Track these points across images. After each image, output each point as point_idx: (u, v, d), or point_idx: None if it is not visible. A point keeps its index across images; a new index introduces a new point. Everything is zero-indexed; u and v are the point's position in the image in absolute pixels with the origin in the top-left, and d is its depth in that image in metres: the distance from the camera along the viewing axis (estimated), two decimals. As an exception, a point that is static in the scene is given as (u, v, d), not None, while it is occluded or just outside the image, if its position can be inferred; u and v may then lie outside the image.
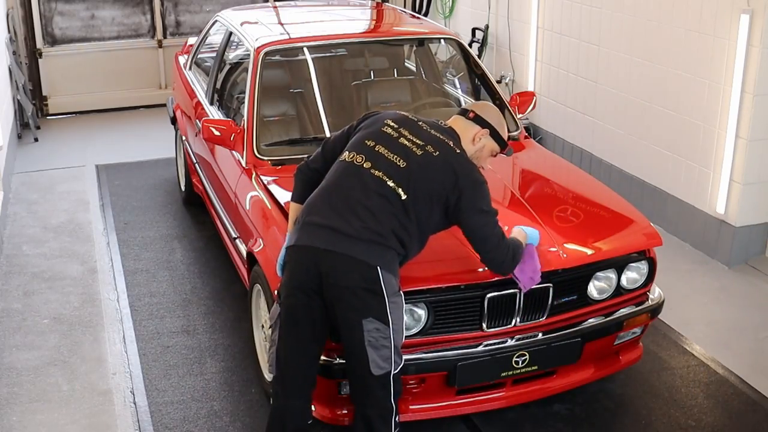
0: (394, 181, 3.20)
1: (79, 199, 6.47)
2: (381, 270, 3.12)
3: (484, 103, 3.65)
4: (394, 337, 3.18)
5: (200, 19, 8.77)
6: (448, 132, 3.38)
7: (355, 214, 3.17)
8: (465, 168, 3.27)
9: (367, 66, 5.43)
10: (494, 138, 3.44)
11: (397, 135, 3.31)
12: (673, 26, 5.55)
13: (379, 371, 3.17)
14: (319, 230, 3.17)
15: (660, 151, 5.81)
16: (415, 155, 3.25)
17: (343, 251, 3.12)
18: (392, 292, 3.17)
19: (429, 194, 3.22)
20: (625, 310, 3.85)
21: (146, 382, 4.21)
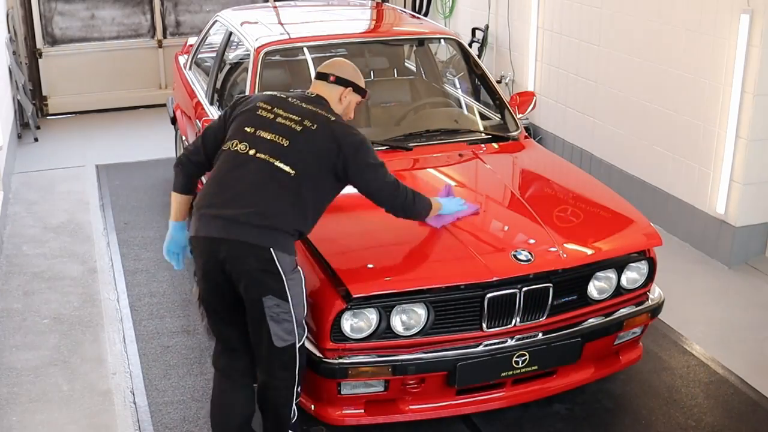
0: (281, 161, 3.33)
1: (79, 199, 6.47)
2: (274, 251, 3.25)
3: (337, 62, 3.72)
4: (295, 311, 3.32)
5: (200, 19, 8.77)
6: (317, 101, 3.54)
7: (246, 200, 3.29)
8: (343, 133, 3.43)
9: (367, 66, 5.43)
10: (356, 91, 3.63)
11: (273, 116, 3.45)
12: (673, 26, 5.55)
13: (282, 343, 3.32)
14: (213, 220, 3.30)
15: (660, 151, 5.81)
16: (295, 132, 3.39)
17: (236, 238, 3.25)
18: (289, 270, 3.30)
19: (317, 166, 3.36)
20: (625, 310, 3.85)
21: (146, 382, 4.21)
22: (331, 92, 3.58)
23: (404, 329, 3.52)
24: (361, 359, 3.49)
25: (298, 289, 3.34)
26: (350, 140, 3.41)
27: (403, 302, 3.48)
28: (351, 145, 3.39)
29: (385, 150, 4.51)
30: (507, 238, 3.89)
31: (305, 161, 3.34)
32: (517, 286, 3.55)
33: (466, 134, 4.80)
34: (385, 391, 3.60)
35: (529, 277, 3.57)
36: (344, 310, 3.43)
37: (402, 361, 3.49)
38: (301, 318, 3.37)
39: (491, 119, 5.05)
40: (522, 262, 3.58)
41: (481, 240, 3.80)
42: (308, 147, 3.36)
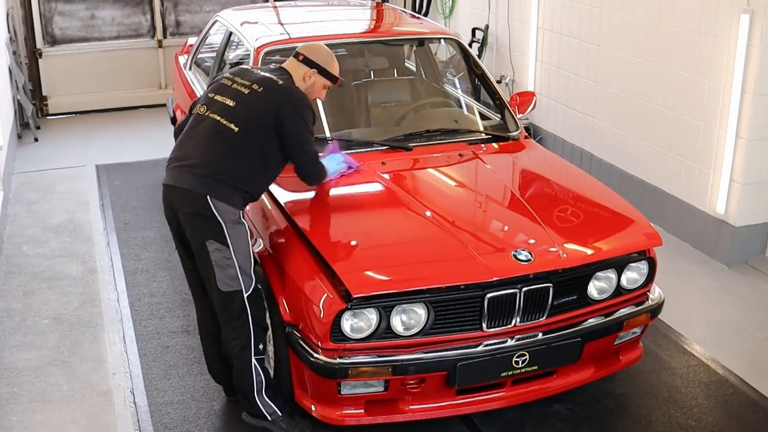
0: (226, 119, 3.66)
1: (79, 199, 6.47)
2: (210, 198, 3.56)
3: (314, 45, 4.01)
4: (237, 259, 3.58)
5: (200, 19, 8.77)
6: (277, 71, 3.83)
7: (194, 153, 3.67)
8: (286, 92, 3.71)
9: (367, 66, 5.43)
10: (323, 75, 3.87)
11: (231, 83, 3.79)
12: (673, 26, 5.55)
13: (227, 288, 3.60)
14: (170, 171, 3.72)
15: (660, 151, 5.81)
16: (242, 94, 3.71)
17: (180, 185, 3.63)
18: (231, 221, 3.59)
19: (260, 123, 3.65)
20: (625, 310, 3.85)
21: (146, 382, 4.21)
22: (298, 70, 3.84)
23: (404, 329, 3.52)
24: (361, 359, 3.49)
25: (240, 238, 3.61)
26: (290, 101, 3.68)
27: (403, 302, 3.48)
28: (289, 105, 3.66)
29: (385, 150, 4.51)
30: (507, 238, 3.89)
31: (248, 119, 3.65)
32: (517, 286, 3.55)
33: (466, 134, 4.80)
34: (385, 391, 3.60)
35: (529, 277, 3.57)
36: (344, 310, 3.43)
37: (402, 361, 3.49)
38: (246, 268, 3.62)
39: (491, 119, 5.05)
40: (522, 262, 3.58)
41: (481, 240, 3.80)
42: (252, 106, 3.67)
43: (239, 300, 3.61)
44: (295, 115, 3.67)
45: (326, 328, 3.44)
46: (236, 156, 3.61)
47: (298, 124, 3.67)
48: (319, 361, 3.48)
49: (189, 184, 3.59)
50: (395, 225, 3.97)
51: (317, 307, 3.47)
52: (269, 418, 3.73)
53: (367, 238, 3.86)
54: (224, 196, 3.57)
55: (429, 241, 3.76)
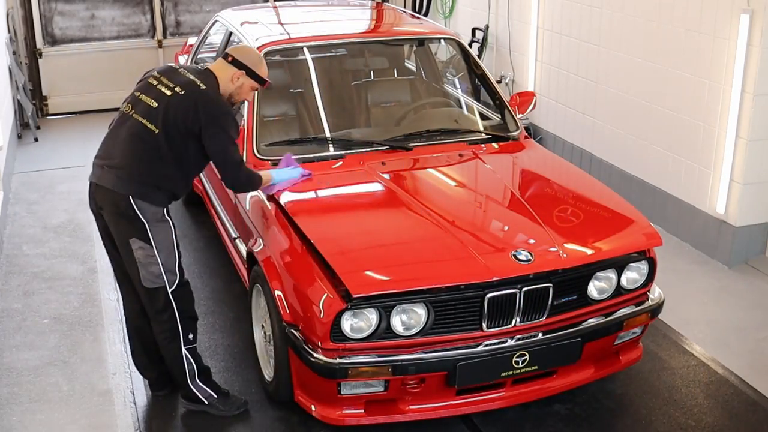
0: (147, 120, 3.70)
1: (79, 199, 6.46)
2: (133, 199, 3.65)
3: (243, 47, 4.17)
4: (160, 257, 3.70)
5: (200, 19, 8.77)
6: (203, 74, 3.83)
7: (116, 152, 3.74)
8: (206, 101, 3.70)
9: (367, 66, 5.43)
10: (251, 77, 3.87)
11: (157, 83, 3.80)
12: (673, 26, 5.55)
13: (151, 284, 3.73)
14: (95, 168, 3.83)
15: (660, 151, 5.81)
16: (165, 96, 3.73)
17: (103, 184, 3.72)
18: (154, 219, 3.69)
19: (178, 128, 3.67)
20: (625, 310, 3.85)
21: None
22: (225, 71, 3.84)
23: (404, 329, 3.52)
24: (361, 359, 3.49)
25: (162, 236, 3.71)
26: (210, 109, 3.68)
27: (403, 302, 3.48)
28: (209, 113, 3.67)
29: (385, 150, 4.51)
30: (507, 238, 3.89)
31: (167, 122, 3.67)
32: (517, 286, 3.55)
33: (466, 134, 4.80)
34: (385, 391, 3.60)
35: (529, 277, 3.57)
36: (344, 310, 3.43)
37: (402, 361, 3.49)
38: (170, 265, 3.73)
39: (491, 119, 5.05)
40: (522, 262, 3.58)
41: (481, 240, 3.80)
42: (173, 109, 3.68)
43: (164, 295, 3.75)
44: (214, 125, 3.67)
45: (326, 328, 3.44)
46: (156, 158, 3.68)
47: (217, 133, 3.69)
48: (319, 361, 3.48)
49: (111, 183, 3.69)
50: (395, 225, 3.97)
51: (317, 307, 3.47)
52: (205, 401, 3.92)
53: (367, 238, 3.86)
54: (146, 196, 3.67)
55: (429, 241, 3.76)
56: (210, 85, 3.77)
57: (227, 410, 3.92)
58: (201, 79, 3.77)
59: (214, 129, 3.67)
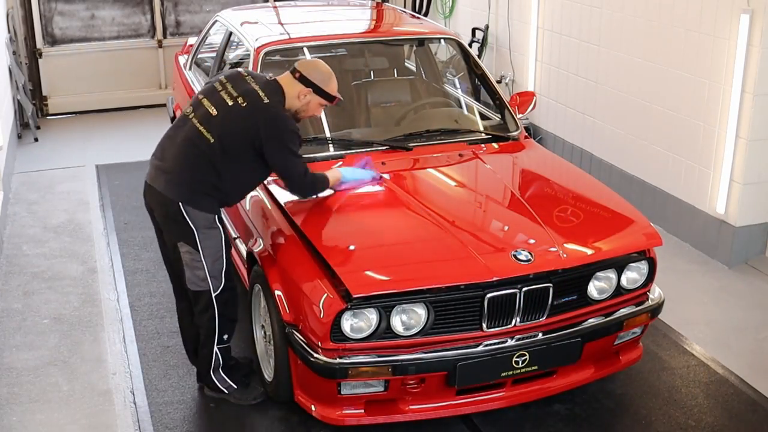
0: (204, 127, 3.68)
1: (79, 199, 6.47)
2: (182, 205, 3.65)
3: (312, 62, 3.96)
4: (206, 262, 3.73)
5: (200, 19, 8.77)
6: (269, 86, 3.77)
7: (171, 155, 3.73)
8: (269, 114, 3.68)
9: (367, 66, 5.43)
10: (319, 94, 3.81)
11: (222, 89, 3.77)
12: (673, 26, 5.55)
13: (196, 288, 3.80)
14: (151, 169, 3.81)
15: (660, 151, 5.81)
16: (226, 105, 3.70)
17: (155, 186, 3.73)
18: (203, 226, 3.70)
19: (236, 138, 3.66)
20: (625, 310, 3.85)
21: (146, 382, 4.21)
22: (293, 87, 3.78)
23: (404, 329, 3.52)
24: (361, 359, 3.49)
25: (211, 243, 3.72)
26: (272, 125, 3.65)
27: (403, 302, 3.48)
28: (271, 127, 3.64)
29: (385, 150, 4.51)
30: (507, 238, 3.89)
31: (225, 132, 3.65)
32: (517, 286, 3.55)
33: (466, 134, 4.80)
34: (385, 391, 3.60)
35: (529, 277, 3.57)
36: (344, 310, 3.43)
37: (402, 361, 3.49)
38: (215, 270, 3.76)
39: (491, 119, 5.05)
40: (522, 262, 3.58)
41: (481, 240, 3.80)
42: (232, 120, 3.66)
43: (206, 299, 3.81)
44: (275, 140, 3.66)
45: (326, 328, 3.44)
46: (208, 166, 3.66)
47: (280, 149, 3.68)
48: (319, 361, 3.48)
49: (162, 187, 3.70)
50: (395, 225, 3.97)
51: (317, 307, 3.47)
52: (225, 391, 4.01)
53: (367, 238, 3.86)
54: (196, 203, 3.67)
55: (429, 241, 3.76)
56: (274, 99, 3.72)
57: (244, 399, 4.00)
58: (266, 92, 3.71)
59: (277, 145, 3.65)
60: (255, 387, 4.06)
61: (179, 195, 3.66)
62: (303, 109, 3.82)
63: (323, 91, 3.80)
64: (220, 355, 3.93)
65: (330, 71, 3.87)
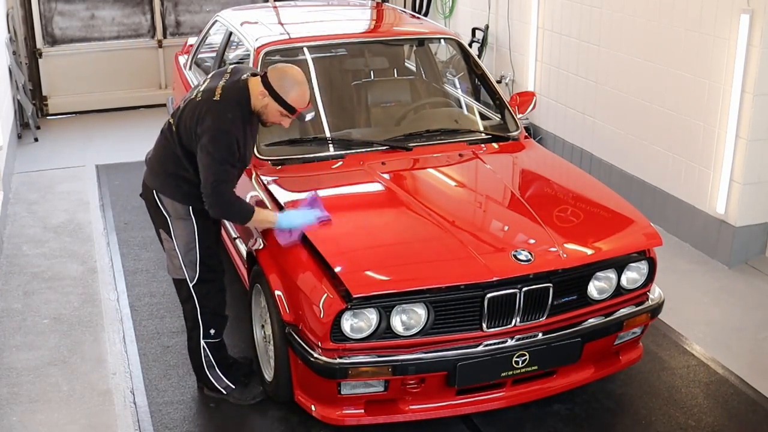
0: (172, 119, 3.81)
1: (79, 199, 6.47)
2: (156, 193, 3.81)
3: (284, 66, 3.79)
4: (180, 251, 3.82)
5: (200, 19, 8.77)
6: (235, 84, 3.72)
7: (154, 147, 3.92)
8: (209, 112, 3.64)
9: (367, 66, 5.43)
10: (276, 100, 3.68)
11: (202, 83, 3.87)
12: (673, 26, 5.55)
13: (174, 275, 3.92)
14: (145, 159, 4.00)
15: (660, 151, 5.81)
16: (190, 98, 3.79)
17: (144, 178, 3.92)
18: (176, 216, 3.80)
19: (188, 131, 3.70)
20: (625, 310, 3.85)
21: (146, 382, 4.21)
22: (256, 86, 3.72)
23: (404, 329, 3.52)
24: (361, 359, 3.49)
25: (183, 232, 3.80)
26: (208, 119, 3.62)
27: (403, 302, 3.48)
28: (205, 122, 3.62)
29: (385, 150, 4.51)
30: (507, 238, 3.89)
31: (183, 124, 3.72)
32: (517, 286, 3.55)
33: (466, 134, 4.80)
34: (385, 391, 3.60)
35: (529, 277, 3.57)
36: (344, 310, 3.43)
37: (402, 361, 3.49)
38: (188, 260, 3.83)
39: (491, 119, 5.05)
40: (522, 262, 3.58)
41: (481, 240, 3.80)
42: (187, 113, 3.72)
43: (185, 288, 3.90)
44: (204, 136, 3.59)
45: (326, 328, 3.44)
46: (174, 157, 3.76)
47: (205, 146, 3.58)
48: (319, 361, 3.48)
49: (146, 177, 3.90)
50: (395, 225, 3.97)
51: (317, 307, 3.47)
52: (223, 391, 4.02)
53: (367, 238, 3.86)
54: (167, 191, 3.80)
55: (429, 241, 3.76)
56: (228, 96, 3.68)
57: (243, 399, 4.02)
58: (225, 90, 3.70)
59: (203, 142, 3.61)
60: (254, 386, 4.06)
61: (155, 183, 3.82)
62: (263, 111, 3.72)
63: (280, 98, 3.65)
64: (208, 350, 3.96)
65: (298, 82, 3.69)
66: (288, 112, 3.70)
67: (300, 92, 3.69)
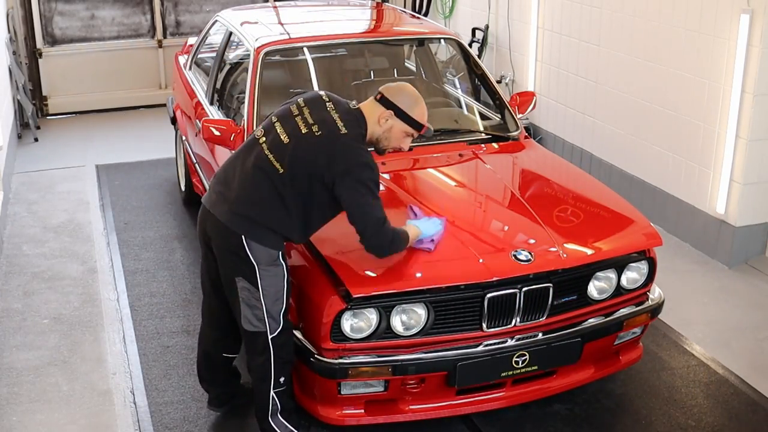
0: (274, 156, 3.36)
1: (79, 199, 6.47)
2: (245, 239, 3.34)
3: (399, 84, 3.59)
4: (266, 302, 3.40)
5: (200, 19, 8.77)
6: (349, 114, 3.43)
7: (236, 182, 3.41)
8: (344, 148, 3.33)
9: (367, 66, 5.43)
10: (402, 119, 3.45)
11: (298, 113, 3.43)
12: (673, 26, 5.55)
13: (252, 328, 3.46)
14: (212, 193, 3.50)
15: (660, 151, 5.81)
16: (299, 133, 3.37)
17: (217, 215, 3.41)
18: (265, 262, 3.37)
19: (306, 171, 3.32)
20: (625, 310, 3.85)
21: (146, 382, 4.21)
22: (373, 110, 3.46)
23: (404, 329, 3.52)
24: (361, 359, 3.49)
25: (272, 281, 3.40)
26: (347, 155, 3.31)
27: (403, 302, 3.48)
28: (345, 160, 3.30)
29: (385, 150, 4.50)
30: (507, 238, 3.89)
31: (296, 163, 3.32)
32: (517, 286, 3.55)
33: (466, 134, 4.80)
34: (385, 391, 3.60)
35: (529, 277, 3.57)
36: (344, 310, 3.43)
37: (402, 361, 3.49)
38: (275, 311, 3.43)
39: (491, 119, 5.05)
40: (522, 262, 3.58)
41: (481, 240, 3.80)
42: (304, 151, 3.34)
43: (263, 340, 3.46)
44: (349, 176, 3.28)
45: (326, 328, 3.44)
46: (277, 200, 3.34)
47: (355, 187, 3.29)
48: (319, 361, 3.48)
49: (224, 217, 3.38)
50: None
51: (317, 307, 3.46)
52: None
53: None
54: (260, 238, 3.35)
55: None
56: (354, 130, 3.38)
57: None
58: (346, 122, 3.38)
59: (351, 182, 3.28)
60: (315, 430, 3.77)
61: (243, 228, 3.33)
62: (385, 137, 3.46)
63: (406, 115, 3.44)
64: (277, 399, 3.57)
65: (417, 96, 3.53)
66: (415, 129, 3.48)
67: (422, 107, 3.51)
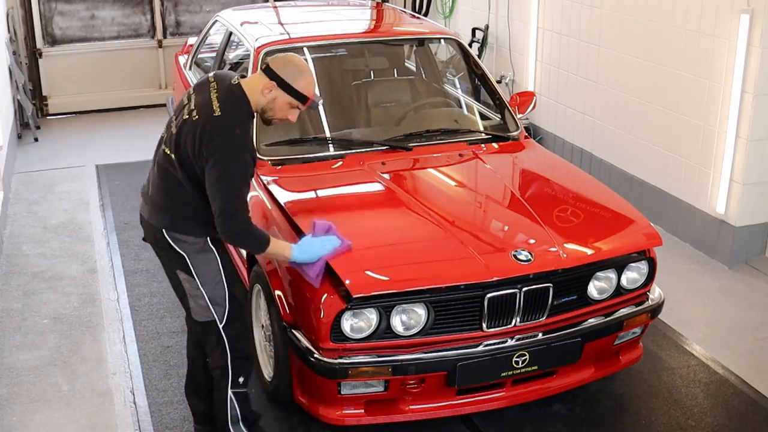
0: (167, 146, 3.43)
1: (79, 199, 6.47)
2: (166, 233, 3.41)
3: (286, 55, 3.50)
4: (205, 289, 3.43)
5: (200, 19, 8.77)
6: (229, 91, 3.37)
7: (150, 182, 3.54)
8: (214, 130, 3.27)
9: (367, 66, 5.43)
10: (285, 90, 3.35)
11: (187, 102, 3.45)
12: (673, 26, 5.55)
13: (202, 318, 3.49)
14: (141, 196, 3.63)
15: (660, 151, 5.81)
16: (183, 120, 3.39)
17: (144, 215, 3.54)
18: (194, 251, 3.41)
19: (188, 155, 3.33)
20: (625, 310, 3.85)
21: (146, 382, 4.21)
22: (258, 83, 3.38)
23: (404, 329, 3.52)
24: (361, 359, 3.49)
25: (206, 268, 3.42)
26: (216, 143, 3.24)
27: (403, 302, 3.48)
28: (214, 139, 3.24)
29: (385, 150, 4.51)
30: (507, 238, 3.89)
31: (180, 149, 3.34)
32: (517, 286, 3.55)
33: (466, 134, 4.80)
34: (385, 391, 3.60)
35: (529, 277, 3.57)
36: (344, 310, 3.43)
37: (402, 361, 3.49)
38: (218, 297, 3.44)
39: (491, 119, 5.06)
40: (522, 262, 3.58)
41: (481, 240, 3.80)
42: (184, 136, 3.33)
43: (215, 330, 3.47)
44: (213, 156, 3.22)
45: (326, 328, 3.44)
46: (178, 187, 3.37)
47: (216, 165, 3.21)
48: (319, 361, 3.48)
49: (147, 215, 3.49)
50: (395, 225, 3.97)
51: (317, 307, 3.47)
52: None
53: (367, 238, 3.85)
54: (180, 228, 3.39)
55: (429, 241, 3.76)
56: (229, 109, 3.32)
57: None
58: (222, 101, 3.33)
59: (214, 161, 3.22)
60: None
61: (162, 222, 3.40)
62: (270, 108, 3.39)
63: (290, 87, 3.34)
64: (236, 402, 3.54)
65: (305, 68, 3.44)
66: (299, 102, 3.39)
67: (308, 79, 3.41)
